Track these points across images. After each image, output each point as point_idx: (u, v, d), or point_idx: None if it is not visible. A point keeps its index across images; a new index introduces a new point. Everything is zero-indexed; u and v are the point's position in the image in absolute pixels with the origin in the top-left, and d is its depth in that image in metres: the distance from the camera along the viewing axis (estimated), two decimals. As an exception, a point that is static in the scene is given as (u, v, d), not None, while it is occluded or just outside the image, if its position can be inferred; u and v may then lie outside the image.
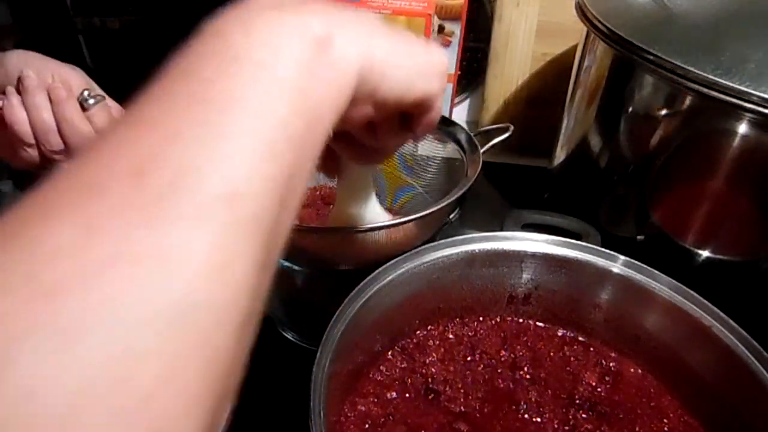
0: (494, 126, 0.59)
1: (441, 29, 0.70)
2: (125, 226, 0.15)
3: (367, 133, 0.31)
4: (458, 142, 0.57)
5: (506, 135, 0.56)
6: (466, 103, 0.83)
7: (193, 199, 0.16)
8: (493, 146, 0.56)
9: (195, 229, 0.16)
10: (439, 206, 0.47)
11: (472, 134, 0.56)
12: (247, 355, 0.18)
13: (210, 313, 0.16)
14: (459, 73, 0.73)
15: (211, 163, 0.17)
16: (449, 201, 0.48)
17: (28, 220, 0.15)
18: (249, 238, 0.17)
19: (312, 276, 0.53)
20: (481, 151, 0.53)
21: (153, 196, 0.15)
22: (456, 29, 0.70)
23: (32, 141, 0.44)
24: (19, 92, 0.44)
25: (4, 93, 0.45)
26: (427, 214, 0.46)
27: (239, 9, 0.22)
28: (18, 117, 0.43)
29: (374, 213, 0.46)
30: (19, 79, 0.44)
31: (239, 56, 0.20)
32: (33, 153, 0.44)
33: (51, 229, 0.14)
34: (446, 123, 0.58)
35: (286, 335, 0.53)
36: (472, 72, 0.80)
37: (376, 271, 0.43)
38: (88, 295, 0.14)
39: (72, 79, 0.45)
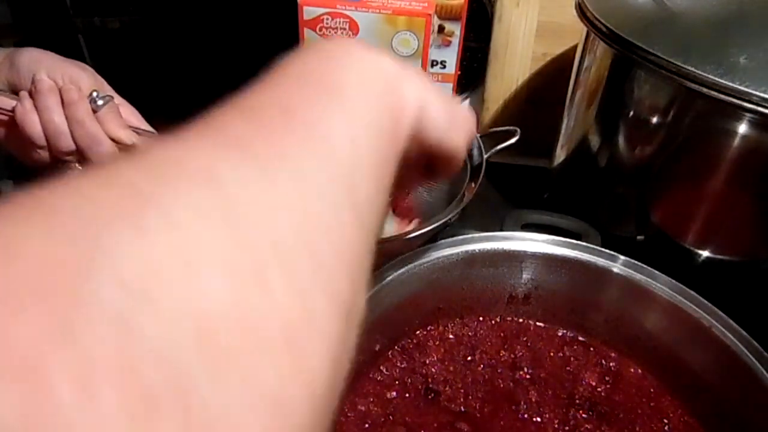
0: (500, 129, 0.59)
1: (441, 29, 0.70)
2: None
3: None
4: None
5: (514, 140, 0.55)
6: (466, 103, 0.83)
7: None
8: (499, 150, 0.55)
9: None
10: (443, 219, 0.46)
11: (478, 136, 0.56)
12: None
13: None
14: (459, 73, 0.73)
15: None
16: (455, 213, 0.47)
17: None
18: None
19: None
20: (486, 156, 0.53)
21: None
22: (456, 29, 0.70)
23: (44, 143, 0.44)
24: (31, 94, 0.44)
25: (14, 92, 0.45)
26: (424, 231, 0.46)
27: (329, 44, 0.25)
28: (30, 120, 0.44)
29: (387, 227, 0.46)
30: (33, 81, 0.44)
31: (335, 85, 0.22)
32: (44, 154, 0.45)
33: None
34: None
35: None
36: (472, 72, 0.80)
37: (377, 271, 0.43)
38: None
39: (82, 79, 0.46)
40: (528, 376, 0.46)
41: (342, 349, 0.17)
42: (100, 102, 0.45)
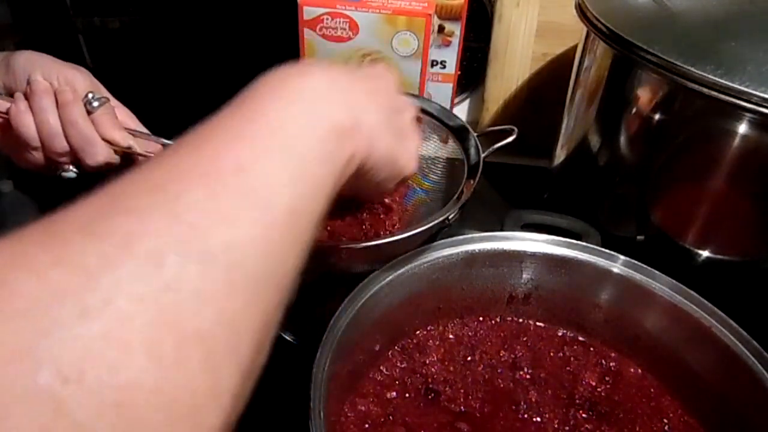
0: (498, 127, 0.59)
1: (441, 29, 0.70)
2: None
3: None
4: (461, 143, 0.57)
5: (510, 138, 0.55)
6: (466, 103, 0.83)
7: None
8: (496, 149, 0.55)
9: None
10: (441, 218, 0.46)
11: (475, 135, 0.56)
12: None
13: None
14: (459, 73, 0.73)
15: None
16: (452, 211, 0.47)
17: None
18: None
19: (312, 279, 0.53)
20: (483, 155, 0.53)
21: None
22: (456, 29, 0.70)
23: (38, 144, 0.44)
24: (26, 95, 0.44)
25: (10, 95, 0.45)
26: (426, 229, 0.46)
27: (291, 73, 0.26)
28: (24, 121, 0.43)
29: None
30: (28, 82, 0.44)
31: (285, 134, 0.23)
32: (38, 155, 0.45)
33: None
34: (450, 119, 0.58)
35: (285, 337, 0.53)
36: (472, 72, 0.80)
37: (376, 271, 0.43)
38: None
39: (77, 81, 0.46)
40: (528, 376, 0.46)
41: (236, 403, 0.19)
42: (95, 104, 0.45)
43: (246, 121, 0.23)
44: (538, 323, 0.50)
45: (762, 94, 0.41)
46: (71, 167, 0.46)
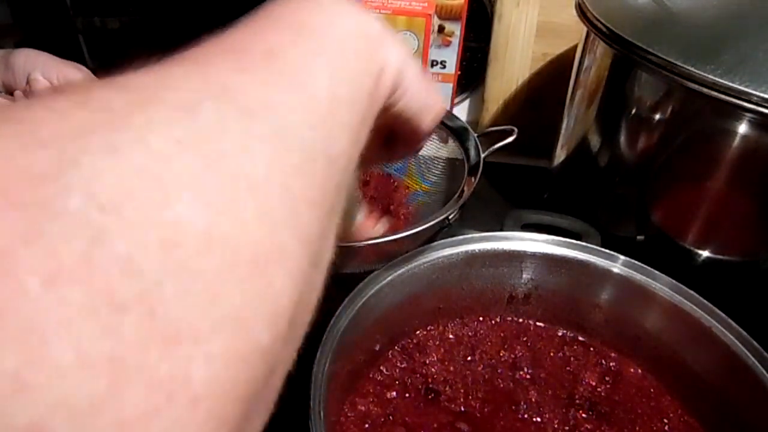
0: (497, 128, 0.59)
1: (441, 29, 0.70)
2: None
3: None
4: (461, 143, 0.57)
5: (510, 139, 0.55)
6: (466, 103, 0.83)
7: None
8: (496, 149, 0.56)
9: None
10: (441, 217, 0.46)
11: (475, 135, 0.56)
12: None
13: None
14: (459, 73, 0.73)
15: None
16: (452, 210, 0.47)
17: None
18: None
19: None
20: (483, 156, 0.53)
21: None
22: (456, 29, 0.70)
23: None
24: (26, 94, 0.44)
25: (9, 93, 0.45)
26: (425, 229, 0.46)
27: None
28: None
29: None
30: (28, 81, 0.44)
31: (319, 34, 0.21)
32: None
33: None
34: (450, 120, 0.58)
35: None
36: (472, 72, 0.80)
37: (377, 271, 0.43)
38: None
39: (77, 80, 0.46)
40: (528, 376, 0.46)
41: (307, 289, 0.17)
42: None
43: (271, 23, 0.21)
44: (538, 323, 0.50)
45: (762, 94, 0.41)
46: None
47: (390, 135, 0.31)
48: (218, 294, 0.13)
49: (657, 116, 0.50)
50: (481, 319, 0.50)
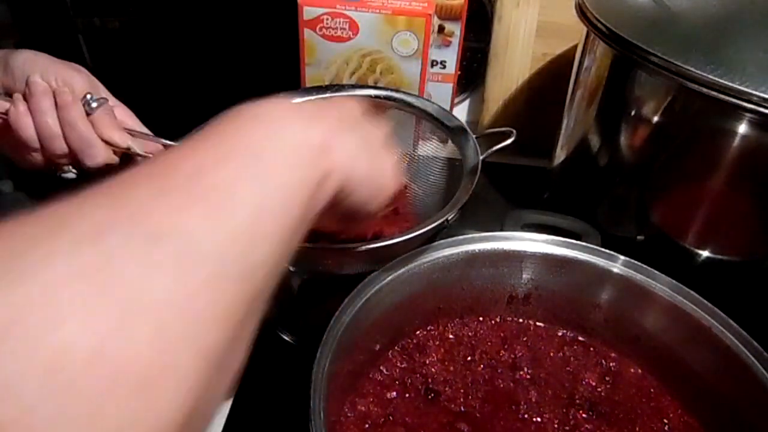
0: (496, 129, 0.59)
1: (441, 29, 0.70)
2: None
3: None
4: (460, 144, 0.57)
5: (509, 141, 0.55)
6: (466, 103, 0.83)
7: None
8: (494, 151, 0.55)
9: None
10: (440, 220, 0.46)
11: (474, 137, 0.56)
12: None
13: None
14: (459, 73, 0.73)
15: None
16: (451, 212, 0.47)
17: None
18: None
19: (310, 278, 0.53)
20: (482, 157, 0.53)
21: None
22: (456, 29, 0.70)
23: (37, 146, 0.44)
24: (25, 96, 0.44)
25: (9, 94, 0.45)
26: (426, 230, 0.46)
27: (258, 105, 0.25)
28: (23, 123, 0.44)
29: None
30: (27, 83, 0.44)
31: (253, 150, 0.23)
32: (38, 157, 0.45)
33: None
34: (449, 120, 0.58)
35: (285, 337, 0.53)
36: (472, 72, 0.80)
37: (376, 271, 0.43)
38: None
39: (76, 81, 0.46)
40: (528, 376, 0.46)
41: (206, 395, 0.18)
42: (94, 104, 0.45)
43: (207, 141, 0.22)
44: (538, 323, 0.50)
45: (762, 94, 0.41)
46: (71, 168, 0.46)
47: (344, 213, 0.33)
48: (98, 413, 0.14)
49: (657, 116, 0.50)
50: (481, 319, 0.50)
